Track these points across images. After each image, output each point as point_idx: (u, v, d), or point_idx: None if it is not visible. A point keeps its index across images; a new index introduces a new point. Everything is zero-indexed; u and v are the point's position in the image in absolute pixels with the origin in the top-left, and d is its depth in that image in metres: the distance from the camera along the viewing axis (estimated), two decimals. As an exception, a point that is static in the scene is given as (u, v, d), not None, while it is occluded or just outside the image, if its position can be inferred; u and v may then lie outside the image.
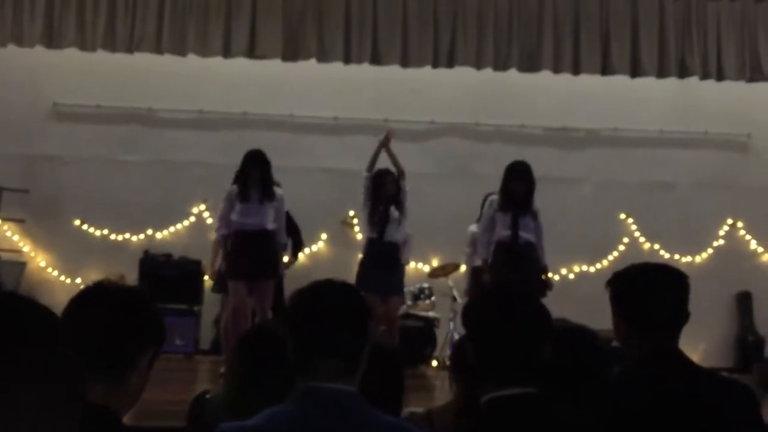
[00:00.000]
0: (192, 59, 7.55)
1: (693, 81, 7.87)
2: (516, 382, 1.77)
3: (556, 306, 1.92)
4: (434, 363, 7.12)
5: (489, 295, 1.90)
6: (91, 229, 7.88)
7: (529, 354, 1.79)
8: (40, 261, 7.83)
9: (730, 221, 8.30)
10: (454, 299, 7.21)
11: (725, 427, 1.90)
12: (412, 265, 7.96)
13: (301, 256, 8.01)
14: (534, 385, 1.77)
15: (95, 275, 7.92)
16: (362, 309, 1.78)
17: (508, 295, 1.89)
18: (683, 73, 7.78)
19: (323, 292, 1.77)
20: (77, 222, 7.88)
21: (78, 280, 7.62)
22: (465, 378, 2.38)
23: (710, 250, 8.23)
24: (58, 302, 1.53)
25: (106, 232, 7.89)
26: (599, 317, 4.35)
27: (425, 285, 7.44)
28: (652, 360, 1.96)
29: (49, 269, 7.82)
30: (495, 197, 6.08)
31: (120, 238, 7.89)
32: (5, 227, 7.77)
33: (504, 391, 1.76)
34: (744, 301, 8.13)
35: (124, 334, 1.56)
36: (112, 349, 1.54)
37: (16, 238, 7.83)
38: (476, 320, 1.85)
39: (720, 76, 7.79)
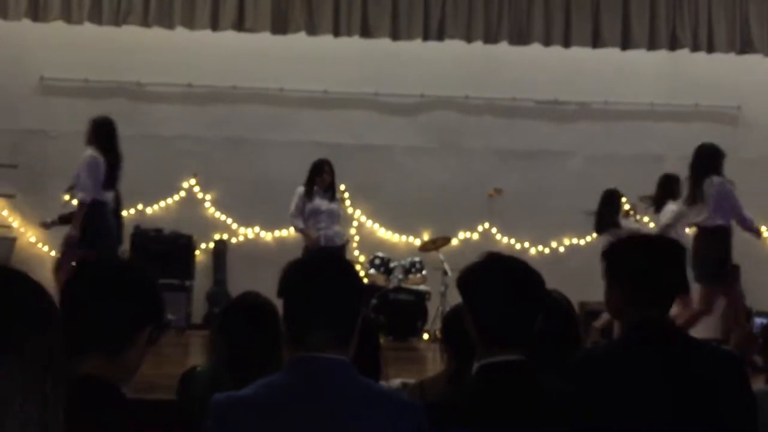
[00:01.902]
0: (180, 32, 7.47)
1: (683, 54, 7.85)
2: (510, 349, 1.79)
3: (546, 278, 1.93)
4: (426, 336, 7.17)
5: (487, 263, 1.89)
6: (81, 205, 7.83)
7: (524, 322, 1.80)
8: (29, 236, 7.80)
9: (719, 194, 8.33)
10: (445, 273, 7.24)
11: (716, 396, 1.93)
12: (403, 238, 8.00)
13: (292, 229, 8.03)
14: (525, 353, 1.79)
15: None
16: (355, 280, 1.79)
17: (506, 263, 1.89)
18: (674, 45, 7.77)
19: (316, 263, 1.78)
20: (67, 197, 7.83)
21: (68, 256, 7.60)
22: (456, 348, 2.40)
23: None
24: (49, 278, 1.53)
25: (95, 207, 7.84)
26: (590, 289, 4.38)
27: (416, 259, 7.47)
28: (644, 330, 1.99)
29: (39, 245, 7.79)
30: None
31: (110, 213, 7.85)
32: (-6, 203, 7.73)
33: (497, 358, 1.78)
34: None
35: (121, 310, 1.56)
36: (111, 325, 1.55)
37: (5, 213, 7.80)
38: (474, 286, 1.86)
39: (710, 48, 7.78)
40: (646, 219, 7.73)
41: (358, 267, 4.83)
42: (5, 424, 0.69)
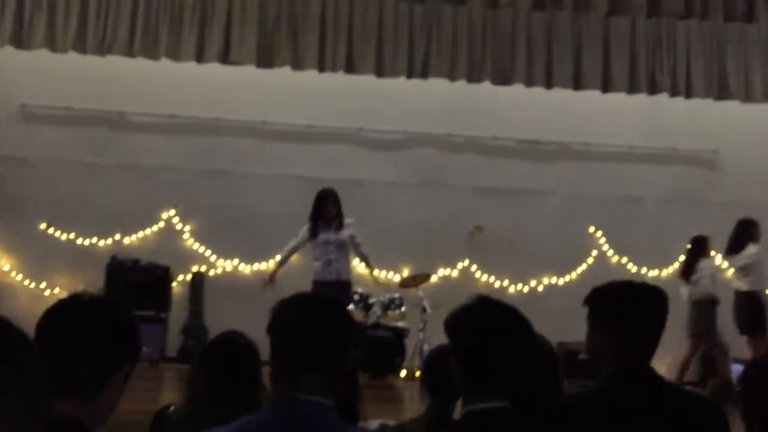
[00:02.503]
0: (164, 63, 7.48)
1: (662, 98, 8.00)
2: (496, 394, 1.77)
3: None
4: (403, 373, 7.11)
5: (474, 307, 1.87)
6: (57, 233, 7.75)
7: (512, 368, 1.79)
8: (4, 265, 7.68)
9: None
10: (424, 310, 7.21)
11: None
12: (383, 274, 7.96)
13: (271, 262, 7.97)
14: (510, 399, 1.77)
15: (61, 280, 7.80)
16: (347, 324, 1.76)
17: (494, 308, 1.87)
18: (653, 89, 7.91)
19: (308, 305, 1.75)
20: (43, 225, 7.75)
21: (42, 285, 7.49)
22: (437, 390, 2.37)
23: (677, 264, 8.35)
24: (22, 307, 1.50)
25: (72, 236, 7.76)
26: (568, 329, 4.39)
27: (395, 295, 7.43)
28: (627, 376, 1.98)
29: (13, 273, 7.66)
30: None
31: (87, 242, 7.77)
32: (-32, 229, 7.61)
33: (484, 404, 1.76)
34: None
35: (99, 349, 1.51)
36: (86, 365, 1.50)
37: (-21, 240, 7.67)
38: (463, 331, 1.84)
39: (689, 94, 7.93)
40: (718, 260, 7.87)
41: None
42: None
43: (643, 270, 8.13)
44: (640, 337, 2.01)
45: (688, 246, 7.37)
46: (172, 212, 7.92)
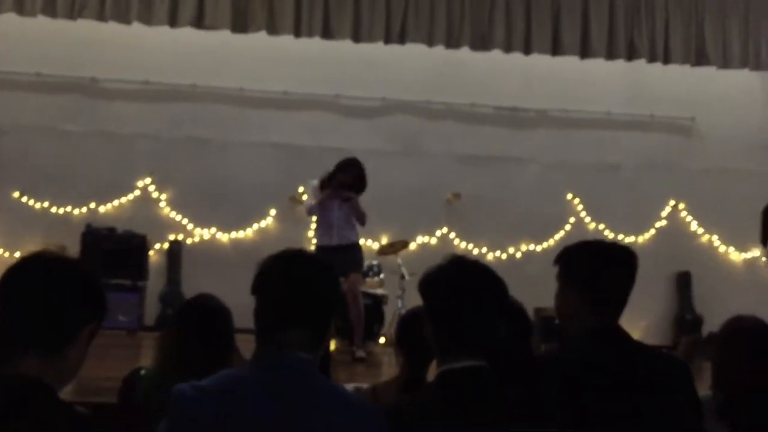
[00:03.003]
0: (137, 27, 7.33)
1: (641, 64, 7.99)
2: (470, 355, 1.77)
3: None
4: (382, 340, 7.14)
5: (451, 267, 1.86)
6: (31, 202, 7.64)
7: (486, 328, 1.78)
8: (-24, 233, 7.57)
9: (672, 203, 8.50)
10: (402, 277, 7.23)
11: (663, 400, 1.95)
12: (361, 242, 7.95)
13: (249, 231, 7.93)
14: (484, 359, 1.77)
15: (35, 249, 7.68)
16: (331, 282, 1.75)
17: (468, 268, 1.86)
18: (631, 55, 7.89)
19: (294, 262, 1.73)
20: (16, 194, 7.63)
21: (17, 254, 7.38)
22: (410, 352, 2.37)
23: (653, 231, 8.43)
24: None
25: (46, 204, 7.66)
26: (545, 296, 4.41)
27: (374, 262, 7.44)
28: (598, 335, 1.99)
29: (-14, 242, 7.57)
30: None
31: (61, 211, 7.67)
32: (-61, 198, 7.48)
33: (459, 363, 1.76)
34: (683, 281, 8.36)
35: (62, 307, 1.49)
36: (49, 323, 1.48)
37: (-49, 209, 7.55)
38: (436, 291, 1.83)
39: (667, 59, 7.92)
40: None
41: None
42: None
43: (620, 236, 8.19)
44: (611, 297, 2.01)
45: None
46: (148, 180, 7.84)
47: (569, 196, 8.38)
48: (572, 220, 8.37)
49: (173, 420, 1.62)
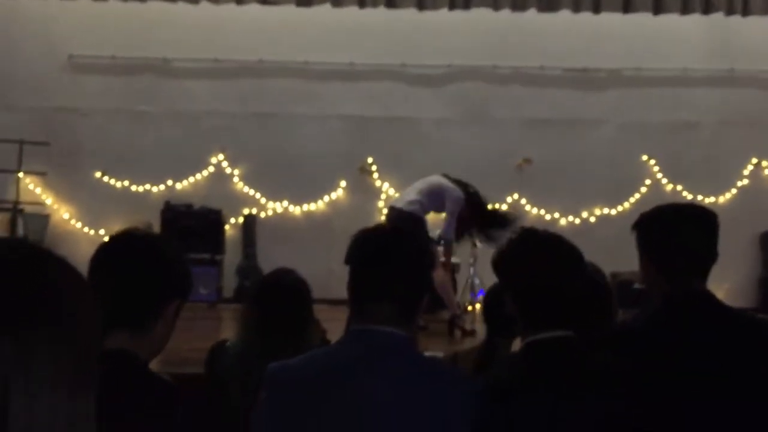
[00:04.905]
0: (205, 7, 7.45)
1: (718, 17, 7.64)
2: (556, 325, 1.77)
3: (577, 249, 1.89)
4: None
5: (522, 240, 1.86)
6: (112, 181, 7.94)
7: (566, 296, 1.78)
8: (63, 213, 7.92)
9: (754, 160, 8.17)
10: (474, 245, 7.20)
11: (755, 367, 1.89)
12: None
13: (320, 203, 8.03)
14: (570, 328, 1.76)
15: (118, 226, 7.98)
16: (421, 255, 1.75)
17: (541, 239, 1.85)
18: (707, 8, 7.56)
19: (382, 236, 1.76)
20: (98, 174, 7.93)
21: (101, 232, 7.70)
22: (497, 327, 2.39)
23: (734, 190, 8.12)
24: (83, 254, 1.53)
25: (126, 183, 7.94)
26: (621, 260, 4.32)
27: (445, 230, 7.41)
28: (681, 302, 1.94)
29: (73, 221, 7.91)
30: None
31: (141, 189, 7.94)
32: (27, 180, 7.84)
33: (545, 334, 1.76)
34: (767, 241, 8.06)
35: (150, 283, 1.55)
36: (138, 299, 1.54)
37: (38, 191, 7.91)
38: (512, 265, 1.84)
39: (746, 12, 7.56)
40: None
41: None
42: (34, 408, 0.68)
43: (699, 197, 7.93)
44: (688, 262, 1.96)
45: None
46: (221, 156, 8.01)
47: (644, 157, 8.15)
48: (648, 182, 8.14)
49: (271, 399, 1.65)
